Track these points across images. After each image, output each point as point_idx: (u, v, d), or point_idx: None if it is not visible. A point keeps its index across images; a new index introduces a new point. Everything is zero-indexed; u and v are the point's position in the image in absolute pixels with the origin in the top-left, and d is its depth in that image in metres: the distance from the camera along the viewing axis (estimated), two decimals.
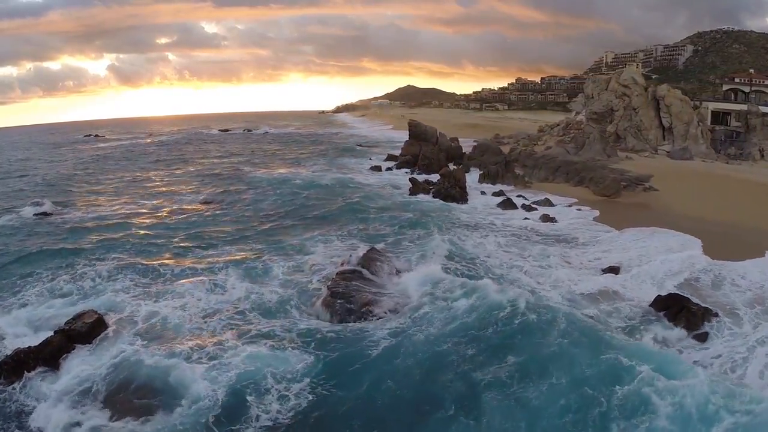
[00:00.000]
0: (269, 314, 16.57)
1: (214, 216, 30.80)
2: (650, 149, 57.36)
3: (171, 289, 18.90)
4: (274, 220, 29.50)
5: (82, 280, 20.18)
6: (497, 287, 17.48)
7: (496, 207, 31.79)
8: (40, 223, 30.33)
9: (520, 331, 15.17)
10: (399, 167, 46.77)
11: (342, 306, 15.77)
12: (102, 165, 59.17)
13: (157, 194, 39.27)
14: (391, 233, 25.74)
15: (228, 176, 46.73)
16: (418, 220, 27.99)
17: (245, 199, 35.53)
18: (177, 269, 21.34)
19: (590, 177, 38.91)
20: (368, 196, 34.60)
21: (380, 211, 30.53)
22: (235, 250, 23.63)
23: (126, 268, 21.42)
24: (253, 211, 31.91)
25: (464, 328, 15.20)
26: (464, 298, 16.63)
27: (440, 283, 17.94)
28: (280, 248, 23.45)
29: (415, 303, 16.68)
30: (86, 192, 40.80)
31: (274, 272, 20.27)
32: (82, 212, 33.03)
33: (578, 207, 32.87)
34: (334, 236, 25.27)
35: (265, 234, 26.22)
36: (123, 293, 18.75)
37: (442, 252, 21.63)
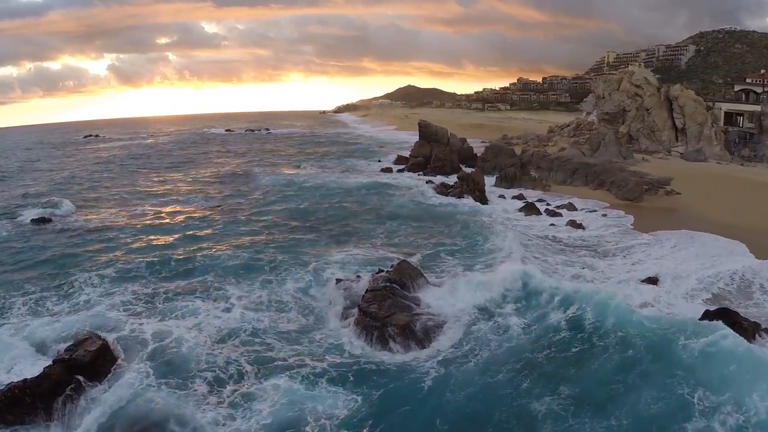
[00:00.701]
0: (293, 338, 14.85)
1: (224, 223, 28.93)
2: (663, 150, 55.76)
3: (180, 306, 17.16)
4: (289, 227, 27.59)
5: (79, 293, 18.51)
6: (545, 303, 16.03)
7: (518, 212, 30.06)
8: (37, 230, 28.43)
9: (578, 355, 13.77)
10: (410, 169, 44.99)
11: (378, 329, 14.00)
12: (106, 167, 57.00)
13: (164, 198, 37.38)
14: (422, 243, 23.89)
15: (238, 179, 44.81)
16: (450, 229, 26.15)
17: (256, 204, 33.58)
18: (185, 282, 19.63)
19: (611, 180, 37.20)
20: (387, 201, 32.82)
21: (403, 217, 28.76)
22: (250, 260, 21.81)
23: (128, 280, 19.71)
24: (266, 217, 29.95)
25: (517, 351, 13.79)
26: (514, 317, 15.18)
27: (483, 300, 16.35)
28: (298, 259, 21.63)
29: (457, 324, 15.05)
30: (90, 195, 38.95)
31: (293, 286, 18.52)
32: (83, 217, 31.26)
33: (604, 212, 31.19)
34: (355, 245, 23.49)
35: (280, 243, 24.33)
36: (125, 309, 17.09)
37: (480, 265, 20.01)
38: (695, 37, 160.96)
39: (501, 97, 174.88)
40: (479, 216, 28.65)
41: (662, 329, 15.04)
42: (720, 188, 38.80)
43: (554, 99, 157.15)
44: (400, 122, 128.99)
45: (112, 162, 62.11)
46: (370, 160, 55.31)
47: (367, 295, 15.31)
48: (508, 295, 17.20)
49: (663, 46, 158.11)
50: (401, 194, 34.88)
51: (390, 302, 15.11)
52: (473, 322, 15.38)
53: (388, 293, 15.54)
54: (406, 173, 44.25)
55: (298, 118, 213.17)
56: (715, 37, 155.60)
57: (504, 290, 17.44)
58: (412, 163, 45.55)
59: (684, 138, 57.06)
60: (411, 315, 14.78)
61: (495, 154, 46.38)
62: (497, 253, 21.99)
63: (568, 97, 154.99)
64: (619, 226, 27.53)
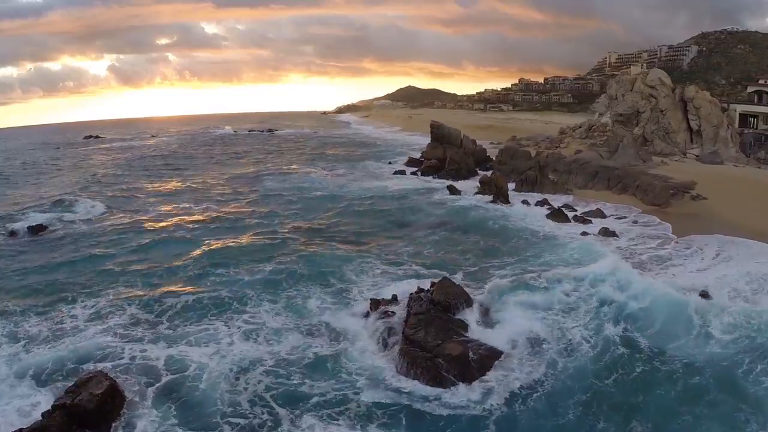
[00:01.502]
0: (326, 369, 13.11)
1: (234, 232, 26.87)
2: (679, 153, 54.13)
3: (191, 330, 15.33)
4: (305, 236, 25.55)
5: (68, 315, 16.63)
6: (604, 319, 14.63)
7: (546, 219, 28.33)
8: (31, 239, 26.51)
9: (643, 379, 12.88)
10: (424, 172, 43.21)
11: (428, 360, 12.30)
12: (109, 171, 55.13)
13: (167, 205, 35.05)
14: (454, 255, 22.01)
15: (246, 184, 42.59)
16: (484, 238, 24.33)
17: (267, 212, 31.47)
18: (195, 301, 17.72)
19: (636, 184, 35.54)
20: (406, 207, 31.00)
21: (428, 225, 26.85)
22: (268, 275, 19.97)
23: (130, 301, 17.65)
24: (279, 225, 27.95)
25: (582, 377, 12.71)
26: (573, 336, 13.75)
27: (537, 321, 14.77)
28: (320, 273, 19.81)
29: (513, 350, 13.42)
30: (88, 202, 36.34)
31: (318, 306, 16.75)
32: (81, 225, 29.10)
33: (634, 218, 29.54)
34: (378, 257, 21.63)
35: (298, 255, 22.39)
36: (123, 334, 15.13)
37: (528, 279, 18.35)
38: (697, 37, 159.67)
39: (503, 97, 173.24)
40: (510, 224, 26.80)
41: (727, 353, 13.75)
42: (745, 192, 37.09)
43: (557, 100, 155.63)
44: (403, 123, 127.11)
45: (116, 166, 59.99)
46: (380, 162, 53.44)
47: (411, 319, 13.59)
48: (565, 313, 15.72)
49: (665, 47, 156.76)
50: (420, 199, 33.02)
51: (437, 327, 13.43)
52: (530, 346, 13.79)
53: (433, 317, 13.86)
54: (421, 176, 42.48)
55: (299, 119, 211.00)
56: (717, 37, 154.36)
57: (560, 308, 15.95)
58: (426, 166, 43.79)
59: (699, 140, 55.40)
60: (463, 343, 13.10)
61: (510, 157, 44.68)
62: (543, 264, 20.35)
63: (570, 97, 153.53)
64: (657, 235, 25.82)
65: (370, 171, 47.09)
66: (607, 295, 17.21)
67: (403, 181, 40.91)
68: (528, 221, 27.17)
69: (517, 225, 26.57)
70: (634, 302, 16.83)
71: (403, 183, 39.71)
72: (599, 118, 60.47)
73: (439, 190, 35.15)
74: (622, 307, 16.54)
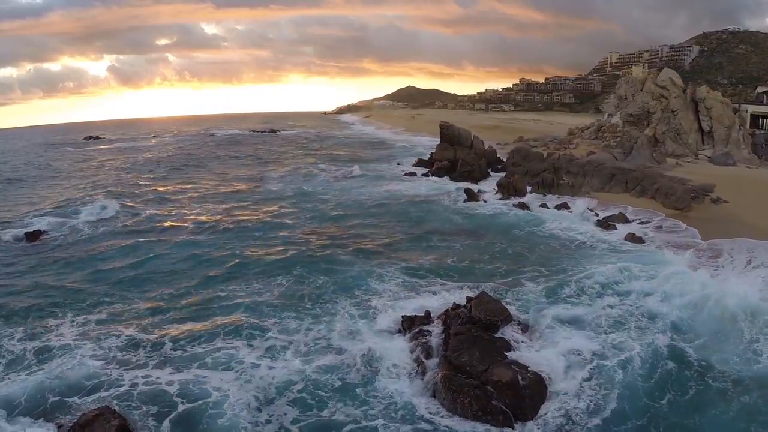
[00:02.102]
0: (360, 397, 11.80)
1: (244, 239, 25.32)
2: (691, 154, 53.05)
3: (202, 353, 13.82)
4: (320, 245, 23.94)
5: (54, 334, 15.13)
6: (656, 339, 13.60)
7: (571, 223, 27.07)
8: (21, 247, 24.80)
9: (698, 404, 11.93)
10: (435, 174, 42.02)
11: (476, 389, 11.10)
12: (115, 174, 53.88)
13: (169, 211, 33.29)
14: (482, 265, 20.45)
15: (254, 187, 40.48)
16: (511, 246, 22.88)
17: (278, 218, 29.77)
18: (203, 315, 16.26)
19: (655, 187, 34.36)
20: (422, 211, 29.58)
21: (447, 231, 25.35)
22: (288, 286, 18.63)
23: (128, 317, 16.18)
24: (291, 232, 26.31)
25: (635, 398, 11.69)
26: (620, 352, 12.70)
27: (584, 337, 13.66)
28: (343, 286, 18.39)
29: (563, 374, 12.23)
30: (87, 206, 34.64)
31: (345, 322, 15.38)
32: (75, 233, 27.29)
33: (658, 223, 28.36)
34: (401, 268, 20.21)
35: (314, 264, 20.95)
36: (120, 358, 13.61)
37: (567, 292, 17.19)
38: (699, 37, 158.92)
39: (504, 97, 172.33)
40: (535, 229, 25.48)
41: None
42: (765, 195, 36.10)
43: (558, 100, 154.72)
44: (406, 123, 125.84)
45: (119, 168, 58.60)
46: (388, 164, 52.10)
47: (452, 341, 12.36)
48: (610, 327, 14.61)
49: (667, 47, 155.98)
50: (436, 203, 31.67)
51: (480, 349, 12.21)
52: (578, 367, 12.65)
53: (475, 337, 12.67)
54: (432, 178, 41.27)
55: (301, 119, 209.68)
56: (718, 37, 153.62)
57: (605, 322, 14.85)
58: (437, 168, 42.58)
59: (711, 141, 54.32)
60: (510, 366, 11.91)
61: (522, 158, 43.53)
62: (579, 273, 19.16)
63: (572, 97, 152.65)
64: (686, 241, 24.63)
65: (380, 173, 45.68)
66: (653, 306, 16.14)
67: (415, 183, 39.46)
68: (553, 226, 25.90)
69: (543, 230, 25.25)
70: (683, 312, 15.82)
71: (415, 185, 38.29)
72: (609, 119, 59.43)
73: (453, 192, 33.81)
74: (670, 318, 15.49)
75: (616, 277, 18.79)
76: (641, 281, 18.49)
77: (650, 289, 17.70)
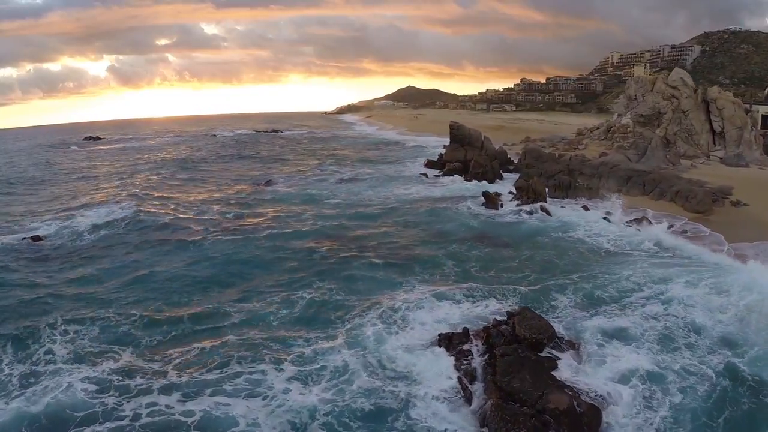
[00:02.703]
0: (398, 426, 10.77)
1: (256, 247, 23.86)
2: (702, 155, 52.08)
3: (221, 376, 12.51)
4: (335, 254, 22.30)
5: (53, 352, 13.78)
6: (706, 353, 12.66)
7: (597, 228, 26.02)
8: (23, 253, 23.43)
9: (755, 424, 11.19)
10: (447, 175, 40.95)
11: (533, 419, 10.02)
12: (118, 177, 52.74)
13: (181, 211, 32.30)
14: (510, 275, 19.17)
15: (261, 191, 38.79)
16: (539, 253, 21.61)
17: (290, 224, 27.99)
18: (215, 330, 14.99)
19: (675, 190, 33.34)
20: (440, 216, 28.34)
21: (468, 238, 24.07)
22: (306, 296, 17.47)
23: (126, 335, 14.87)
24: (304, 241, 24.52)
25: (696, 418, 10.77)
26: (686, 378, 11.64)
27: (634, 356, 12.68)
28: (366, 299, 17.19)
29: (620, 399, 11.23)
30: (87, 212, 33.67)
31: (371, 339, 14.22)
32: (70, 240, 25.70)
33: (682, 227, 27.33)
34: (425, 279, 19.07)
35: (335, 275, 19.59)
36: (124, 382, 12.27)
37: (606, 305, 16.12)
38: (700, 37, 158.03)
39: (505, 97, 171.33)
40: (561, 234, 24.31)
41: None
42: None
43: (560, 100, 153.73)
44: (409, 123, 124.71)
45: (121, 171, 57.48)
46: (397, 165, 50.90)
47: (500, 363, 11.31)
48: (658, 342, 13.65)
49: (668, 47, 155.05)
50: (452, 206, 30.39)
51: (531, 372, 11.17)
52: (630, 388, 11.70)
53: (522, 357, 11.63)
54: (444, 179, 40.09)
55: (302, 119, 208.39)
56: (720, 37, 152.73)
57: (652, 336, 13.87)
58: (448, 169, 41.53)
59: (722, 142, 53.33)
60: (563, 390, 10.88)
61: (535, 159, 42.54)
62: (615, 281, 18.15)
63: (573, 97, 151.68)
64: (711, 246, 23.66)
65: (390, 174, 44.48)
66: (699, 316, 15.19)
67: (428, 185, 38.18)
68: (578, 230, 24.85)
69: (569, 235, 24.15)
70: (730, 322, 14.90)
71: (428, 188, 37.03)
72: (618, 119, 58.41)
73: (469, 195, 32.73)
74: (718, 329, 14.56)
75: (653, 284, 17.93)
76: (680, 287, 17.61)
77: (692, 296, 16.82)
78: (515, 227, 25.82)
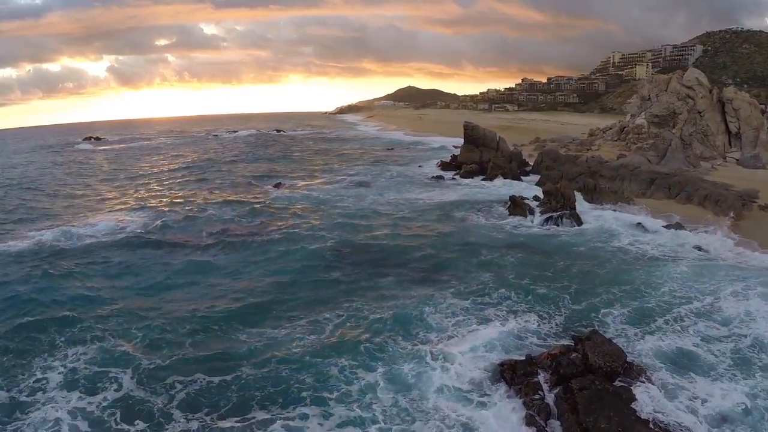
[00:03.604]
0: None
1: (269, 256, 21.99)
2: (719, 156, 50.90)
3: (240, 425, 10.99)
4: (359, 266, 20.54)
5: (46, 381, 12.38)
6: None
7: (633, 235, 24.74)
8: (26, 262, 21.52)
9: None
10: (465, 177, 39.59)
11: None
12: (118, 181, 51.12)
13: (188, 219, 29.78)
14: (558, 292, 17.56)
15: (266, 196, 36.08)
16: (578, 267, 19.92)
17: (305, 232, 25.90)
18: (228, 361, 13.32)
19: (704, 194, 32.12)
20: (468, 223, 26.84)
21: (504, 248, 22.32)
22: (335, 319, 15.86)
23: (126, 364, 13.18)
24: (322, 251, 22.74)
25: None
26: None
27: (713, 387, 11.43)
28: (401, 322, 15.43)
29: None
30: (87, 220, 31.19)
31: (416, 373, 12.66)
32: (86, 245, 24.05)
33: (719, 233, 26.07)
34: (461, 293, 17.53)
35: (362, 294, 17.72)
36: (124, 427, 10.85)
37: (664, 324, 14.82)
38: (702, 37, 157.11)
39: (507, 97, 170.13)
40: (597, 243, 22.92)
41: None
42: None
43: (562, 99, 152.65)
44: (413, 123, 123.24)
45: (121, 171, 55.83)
46: (409, 166, 49.37)
47: (580, 399, 10.01)
48: (735, 367, 12.36)
49: (670, 46, 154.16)
50: (474, 211, 28.85)
51: (611, 407, 9.91)
52: (717, 425, 10.42)
53: (600, 390, 10.36)
54: (462, 181, 38.65)
55: (303, 119, 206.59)
56: (722, 37, 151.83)
57: (726, 361, 12.61)
58: (465, 171, 40.19)
59: (738, 143, 52.19)
60: (648, 427, 9.61)
61: (553, 160, 41.29)
62: (665, 294, 16.89)
63: (576, 97, 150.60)
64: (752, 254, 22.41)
65: (406, 176, 42.81)
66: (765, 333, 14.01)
67: (446, 189, 36.46)
68: (614, 238, 23.56)
69: (606, 243, 22.76)
70: None
71: (446, 192, 35.24)
72: (632, 120, 57.21)
73: (492, 200, 31.39)
74: None
75: (702, 296, 16.87)
76: (732, 300, 16.56)
77: (750, 310, 15.66)
78: (547, 235, 24.38)
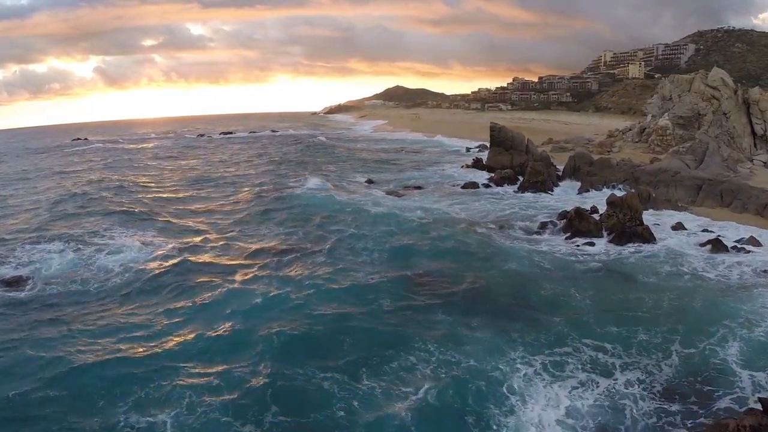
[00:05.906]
0: None
1: (298, 295, 17.54)
2: (746, 159, 48.67)
3: None
4: (405, 300, 17.24)
5: None
6: None
7: (701, 250, 22.06)
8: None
9: None
10: (498, 184, 36.50)
11: None
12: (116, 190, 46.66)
13: (194, 235, 25.92)
14: (657, 338, 14.55)
15: (275, 206, 31.69)
16: (669, 301, 16.71)
17: (330, 254, 21.84)
18: None
19: (763, 203, 29.54)
20: (519, 241, 23.26)
21: (575, 276, 18.75)
22: (394, 393, 12.38)
23: None
24: (354, 278, 18.94)
25: None
26: None
27: None
28: (452, 374, 12.70)
29: None
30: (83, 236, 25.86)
31: None
32: (78, 276, 19.87)
33: None
34: (539, 341, 14.42)
35: (420, 343, 14.14)
36: None
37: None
38: (694, 36, 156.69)
39: (499, 96, 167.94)
40: (677, 266, 19.58)
41: None
42: None
43: (555, 99, 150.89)
44: (411, 124, 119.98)
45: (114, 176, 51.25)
46: (427, 171, 45.78)
47: None
48: None
49: (662, 45, 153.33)
50: (531, 231, 25.19)
51: None
52: None
53: None
54: (496, 189, 35.39)
55: (295, 119, 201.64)
56: (714, 36, 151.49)
57: None
58: (499, 177, 37.03)
59: (764, 145, 50.19)
60: None
61: (589, 165, 38.47)
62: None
63: (569, 96, 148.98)
64: None
65: (429, 182, 39.66)
66: None
67: (482, 200, 32.22)
68: (691, 258, 20.38)
69: (686, 268, 19.45)
70: None
71: (485, 205, 31.00)
72: (652, 120, 54.83)
73: (543, 212, 28.31)
74: None
75: None
76: None
77: None
78: (621, 260, 20.76)
